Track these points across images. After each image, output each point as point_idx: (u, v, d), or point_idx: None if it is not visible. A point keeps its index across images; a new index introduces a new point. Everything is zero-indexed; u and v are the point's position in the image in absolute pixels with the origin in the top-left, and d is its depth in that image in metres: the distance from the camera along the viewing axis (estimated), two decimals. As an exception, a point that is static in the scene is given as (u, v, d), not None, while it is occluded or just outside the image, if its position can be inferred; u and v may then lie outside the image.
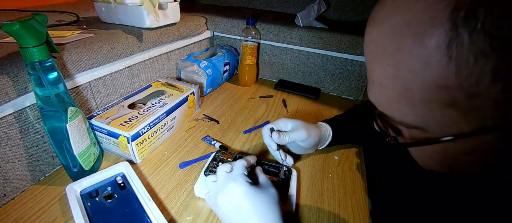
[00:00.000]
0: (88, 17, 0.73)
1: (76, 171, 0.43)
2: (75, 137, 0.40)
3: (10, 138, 0.40)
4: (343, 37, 0.76)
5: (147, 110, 0.53)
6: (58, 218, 0.39)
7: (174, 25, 0.72)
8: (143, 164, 0.50)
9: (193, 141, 0.58)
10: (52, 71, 0.36)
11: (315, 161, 0.54)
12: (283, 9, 1.08)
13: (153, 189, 0.45)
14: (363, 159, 0.56)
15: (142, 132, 0.49)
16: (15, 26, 0.31)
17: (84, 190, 0.41)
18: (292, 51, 0.85)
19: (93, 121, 0.48)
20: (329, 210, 0.44)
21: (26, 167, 0.43)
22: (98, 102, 0.55)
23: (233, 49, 0.92)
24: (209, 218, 0.41)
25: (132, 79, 0.62)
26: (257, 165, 0.43)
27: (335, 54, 0.80)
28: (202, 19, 0.85)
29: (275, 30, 0.82)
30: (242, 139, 0.60)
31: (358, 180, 0.50)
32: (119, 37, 0.57)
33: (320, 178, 0.50)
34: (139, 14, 0.61)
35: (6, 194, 0.41)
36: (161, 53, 0.70)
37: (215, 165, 0.46)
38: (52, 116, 0.38)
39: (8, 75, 0.38)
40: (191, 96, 0.63)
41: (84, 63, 0.49)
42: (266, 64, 0.92)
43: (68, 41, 0.50)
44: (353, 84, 0.83)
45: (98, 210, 0.39)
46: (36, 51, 0.34)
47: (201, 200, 0.44)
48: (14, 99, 0.39)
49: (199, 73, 0.74)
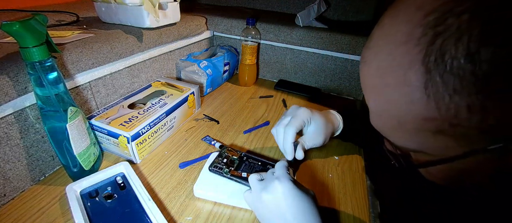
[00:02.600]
0: (88, 17, 0.73)
1: (76, 171, 0.43)
2: (75, 137, 0.40)
3: (10, 138, 0.40)
4: (343, 37, 0.76)
5: (147, 110, 0.53)
6: (58, 218, 0.39)
7: (174, 25, 0.72)
8: (143, 164, 0.50)
9: (193, 141, 0.58)
10: (52, 71, 0.36)
11: (315, 161, 0.54)
12: (283, 9, 1.07)
13: (153, 189, 0.45)
14: (363, 159, 0.56)
15: (142, 132, 0.49)
16: (15, 26, 0.31)
17: (84, 190, 0.41)
18: (292, 51, 0.85)
19: (93, 121, 0.48)
20: (329, 211, 0.44)
21: (26, 167, 0.43)
22: (98, 102, 0.55)
23: (233, 49, 0.92)
24: (209, 218, 0.41)
25: (132, 79, 0.62)
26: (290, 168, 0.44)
27: (335, 54, 0.80)
28: (202, 19, 0.85)
29: (275, 30, 0.82)
30: (242, 139, 0.60)
31: (358, 180, 0.50)
32: (119, 37, 0.57)
33: (320, 178, 0.50)
34: (139, 14, 0.61)
35: (6, 194, 0.41)
36: (161, 53, 0.70)
37: (220, 162, 0.46)
38: (52, 116, 0.38)
39: (8, 75, 0.38)
40: (191, 96, 0.63)
41: (84, 63, 0.49)
42: (266, 64, 0.92)
43: (68, 41, 0.50)
44: (353, 84, 0.83)
45: (98, 210, 0.39)
46: (36, 51, 0.34)
47: (201, 200, 0.44)
48: (14, 99, 0.39)
49: (199, 73, 0.74)
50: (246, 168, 0.45)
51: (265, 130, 0.63)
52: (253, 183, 0.39)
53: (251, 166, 0.46)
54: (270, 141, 0.60)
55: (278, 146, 0.49)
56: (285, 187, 0.35)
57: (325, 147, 0.58)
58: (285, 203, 0.34)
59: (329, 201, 0.45)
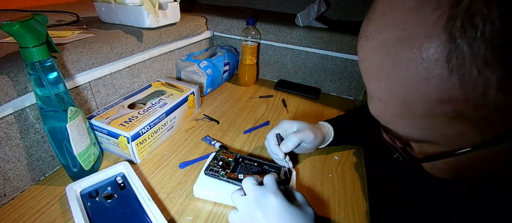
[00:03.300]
0: (88, 17, 0.73)
1: (76, 171, 0.43)
2: (75, 137, 0.40)
3: (10, 138, 0.40)
4: (343, 37, 0.76)
5: (147, 110, 0.53)
6: (58, 218, 0.39)
7: (174, 25, 0.72)
8: (143, 164, 0.50)
9: (193, 141, 0.58)
10: (52, 71, 0.36)
11: (315, 161, 0.54)
12: (283, 9, 1.08)
13: (153, 189, 0.45)
14: (363, 159, 0.56)
15: (142, 132, 0.49)
16: (15, 26, 0.31)
17: (84, 190, 0.41)
18: (292, 51, 0.85)
19: (93, 121, 0.48)
20: (329, 210, 0.44)
21: (26, 167, 0.43)
22: (98, 102, 0.55)
23: (233, 49, 0.92)
24: (209, 218, 0.41)
25: (132, 79, 0.62)
26: (288, 185, 0.42)
27: (335, 54, 0.80)
28: (202, 19, 0.85)
29: (275, 30, 0.82)
30: (242, 139, 0.60)
31: (358, 180, 0.50)
32: (119, 37, 0.57)
33: (320, 178, 0.50)
34: (139, 14, 0.61)
35: (6, 194, 0.41)
36: (161, 53, 0.70)
37: (216, 164, 0.46)
38: (52, 116, 0.38)
39: (8, 75, 0.38)
40: (191, 96, 0.63)
41: (84, 63, 0.49)
42: (266, 64, 0.92)
43: (68, 41, 0.50)
44: (353, 84, 0.83)
45: (98, 210, 0.39)
46: (36, 51, 0.34)
47: (201, 200, 0.44)
48: (14, 99, 0.39)
49: (199, 73, 0.74)
50: (242, 170, 0.45)
51: (265, 130, 0.63)
52: (237, 201, 0.36)
53: (247, 167, 0.46)
54: (270, 141, 0.60)
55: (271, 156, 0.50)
56: (279, 204, 0.32)
57: (325, 147, 0.58)
58: (279, 221, 0.31)
59: (329, 201, 0.45)
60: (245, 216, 0.34)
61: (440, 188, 0.36)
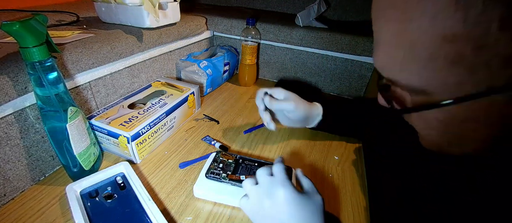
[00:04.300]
0: (88, 17, 0.73)
1: (76, 171, 0.43)
2: (75, 137, 0.40)
3: (10, 138, 0.40)
4: (343, 37, 0.76)
5: (147, 110, 0.53)
6: (58, 218, 0.39)
7: (174, 25, 0.72)
8: (143, 164, 0.50)
9: (193, 141, 0.58)
10: (52, 71, 0.36)
11: (315, 161, 0.54)
12: (283, 9, 1.08)
13: (153, 189, 0.45)
14: (363, 159, 0.56)
15: (142, 132, 0.49)
16: (15, 26, 0.31)
17: (84, 190, 0.41)
18: (292, 51, 0.85)
19: (93, 121, 0.48)
20: (329, 210, 0.44)
21: (26, 167, 0.43)
22: (98, 102, 0.55)
23: (233, 49, 0.92)
24: (209, 218, 0.41)
25: (132, 79, 0.62)
26: (296, 168, 0.42)
27: (335, 54, 0.80)
28: (202, 19, 0.85)
29: (275, 30, 0.82)
30: (242, 139, 0.60)
31: (358, 180, 0.50)
32: (119, 37, 0.57)
33: (320, 178, 0.50)
34: (139, 14, 0.61)
35: (6, 194, 0.41)
36: (161, 53, 0.70)
37: (216, 167, 0.46)
38: (52, 116, 0.38)
39: (8, 75, 0.38)
40: (191, 96, 0.63)
41: (84, 63, 0.49)
42: (266, 64, 0.92)
43: (68, 41, 0.50)
44: (353, 84, 0.83)
45: (98, 210, 0.39)
46: (36, 51, 0.34)
47: (201, 200, 0.44)
48: (14, 99, 0.39)
49: (199, 73, 0.74)
50: (243, 171, 0.45)
51: (265, 130, 0.63)
52: (248, 189, 0.36)
53: (248, 168, 0.46)
54: (270, 141, 0.60)
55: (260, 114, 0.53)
56: (288, 194, 0.32)
57: (325, 147, 0.58)
58: (289, 212, 0.32)
59: (329, 201, 0.45)
60: (255, 204, 0.35)
61: (440, 188, 0.36)
